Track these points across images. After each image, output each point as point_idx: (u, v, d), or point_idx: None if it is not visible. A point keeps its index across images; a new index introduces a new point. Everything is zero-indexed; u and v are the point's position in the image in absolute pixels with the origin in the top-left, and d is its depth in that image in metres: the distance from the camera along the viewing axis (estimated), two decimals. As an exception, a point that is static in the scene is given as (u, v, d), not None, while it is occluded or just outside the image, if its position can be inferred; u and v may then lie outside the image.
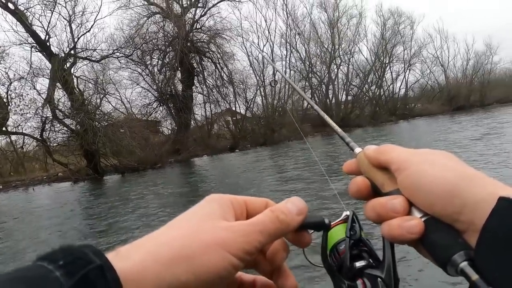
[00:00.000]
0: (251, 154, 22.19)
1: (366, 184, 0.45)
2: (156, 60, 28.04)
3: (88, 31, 22.68)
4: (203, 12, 28.31)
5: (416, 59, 40.07)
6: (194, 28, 28.23)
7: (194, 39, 28.23)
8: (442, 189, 0.37)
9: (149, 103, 27.78)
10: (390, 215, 0.40)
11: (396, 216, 0.39)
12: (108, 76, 24.12)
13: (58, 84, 20.45)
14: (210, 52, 28.44)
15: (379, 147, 0.46)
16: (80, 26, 22.40)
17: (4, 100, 20.03)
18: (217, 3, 28.25)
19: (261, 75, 30.62)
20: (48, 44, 21.32)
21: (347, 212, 0.54)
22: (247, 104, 30.01)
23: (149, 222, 7.57)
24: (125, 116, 24.64)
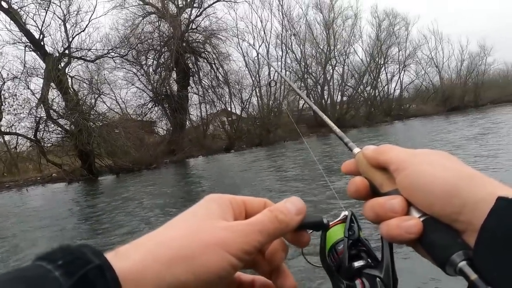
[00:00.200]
0: (246, 154, 22.18)
1: (364, 184, 0.45)
2: (151, 60, 27.99)
3: (83, 30, 22.57)
4: (199, 12, 28.29)
5: (411, 60, 40.33)
6: (190, 28, 28.17)
7: (189, 39, 28.18)
8: (441, 189, 0.37)
9: (144, 103, 27.70)
10: (388, 215, 0.40)
11: (394, 216, 0.39)
12: (103, 76, 24.00)
13: (52, 84, 20.30)
14: (206, 52, 28.42)
15: (377, 147, 0.46)
16: (74, 25, 22.30)
17: (-2, 100, 19.88)
18: (212, 3, 28.25)
19: (256, 75, 30.66)
20: (42, 43, 21.15)
21: (346, 212, 0.54)
22: (242, 105, 30.05)
23: (144, 223, 7.53)
24: (120, 117, 24.52)
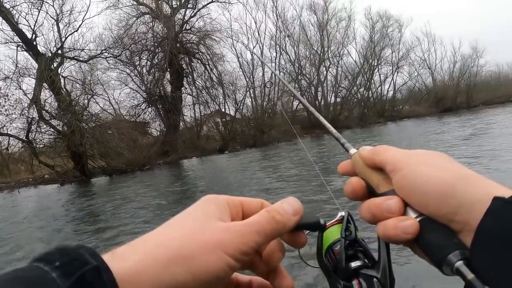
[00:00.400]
0: (240, 155, 22.15)
1: (361, 184, 0.45)
2: (145, 60, 27.86)
3: (76, 30, 22.39)
4: (193, 13, 28.24)
5: (404, 61, 40.68)
6: (184, 29, 28.10)
7: (183, 40, 28.10)
8: (437, 189, 0.37)
9: (137, 104, 27.55)
10: (385, 215, 0.40)
11: (391, 216, 0.39)
12: (96, 76, 23.81)
13: (44, 84, 20.07)
14: (200, 53, 28.36)
15: (374, 148, 0.46)
16: (67, 25, 22.10)
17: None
18: (207, 4, 28.22)
19: (250, 76, 30.68)
20: (34, 43, 20.91)
21: (342, 213, 0.54)
22: (236, 106, 30.05)
23: (137, 224, 7.47)
24: (113, 117, 24.35)
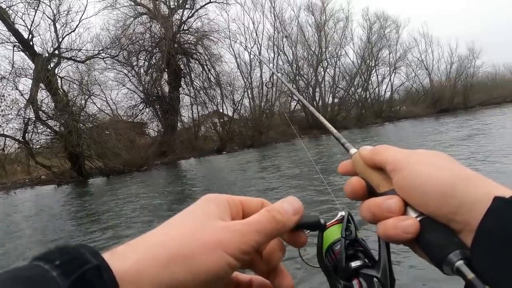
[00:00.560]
0: (238, 156, 22.13)
1: (361, 184, 0.45)
2: (143, 61, 27.83)
3: (73, 30, 22.35)
4: (191, 14, 28.22)
5: (401, 62, 40.76)
6: (181, 29, 28.07)
7: (181, 40, 28.07)
8: (437, 189, 0.37)
9: (135, 104, 27.51)
10: (385, 215, 0.40)
11: (391, 216, 0.39)
12: (93, 77, 23.80)
13: (41, 84, 20.02)
14: (198, 53, 28.33)
15: (374, 148, 0.46)
16: (64, 25, 22.05)
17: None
18: (204, 4, 28.22)
19: (248, 77, 30.67)
20: (31, 43, 20.85)
21: (343, 213, 0.54)
22: (234, 106, 30.01)
23: (135, 225, 7.45)
24: (110, 118, 24.30)
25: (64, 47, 22.22)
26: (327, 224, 0.51)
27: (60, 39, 21.87)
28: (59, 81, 21.37)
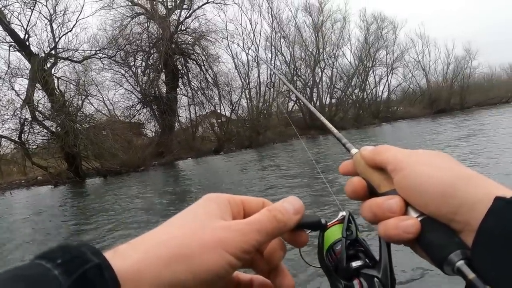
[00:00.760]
0: (236, 156, 22.11)
1: (362, 184, 0.45)
2: (140, 61, 27.77)
3: (70, 31, 22.26)
4: (188, 14, 28.19)
5: (398, 63, 40.95)
6: (179, 29, 28.03)
7: (178, 40, 28.03)
8: (438, 189, 0.37)
9: (132, 105, 27.44)
10: (386, 215, 0.40)
11: (392, 216, 0.39)
12: (90, 77, 23.67)
13: (38, 85, 19.91)
14: (195, 54, 28.31)
15: (375, 148, 0.46)
16: (61, 25, 21.96)
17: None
18: (202, 5, 28.18)
19: (246, 77, 30.67)
20: (27, 43, 20.76)
21: (343, 213, 0.54)
22: (232, 107, 29.98)
23: (132, 226, 7.42)
24: (107, 118, 24.24)
25: (61, 47, 22.19)
26: (328, 224, 0.51)
27: (57, 39, 21.81)
28: (55, 81, 21.32)
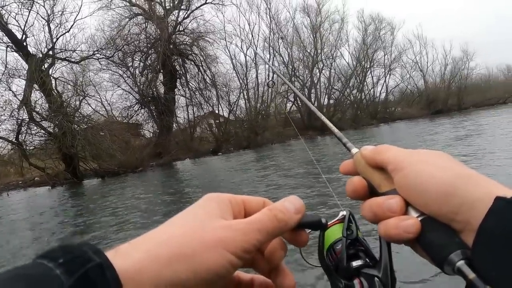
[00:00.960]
0: (234, 157, 22.09)
1: (362, 184, 0.45)
2: (138, 62, 27.73)
3: (68, 31, 22.23)
4: (186, 15, 28.17)
5: (396, 64, 41.11)
6: (177, 30, 28.01)
7: (176, 41, 28.01)
8: (438, 189, 0.37)
9: (130, 105, 27.40)
10: (386, 214, 0.40)
11: (392, 215, 0.39)
12: (88, 77, 23.63)
13: (35, 85, 19.85)
14: (193, 54, 28.29)
15: (375, 147, 0.46)
16: (59, 26, 21.91)
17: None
18: (200, 5, 28.18)
19: (244, 78, 30.66)
20: (25, 44, 20.68)
21: (344, 212, 0.54)
22: (230, 107, 29.99)
23: (130, 227, 7.40)
24: (105, 119, 24.18)
25: (59, 48, 22.14)
26: (329, 223, 0.51)
27: (54, 40, 21.77)
28: (53, 82, 21.23)
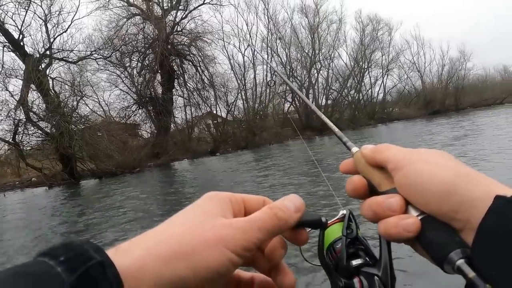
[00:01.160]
0: (232, 157, 22.08)
1: (363, 183, 0.45)
2: (136, 62, 27.63)
3: (65, 31, 22.08)
4: (184, 15, 28.12)
5: (393, 64, 41.17)
6: (175, 30, 27.96)
7: (174, 41, 27.95)
8: (438, 187, 0.37)
9: (128, 106, 27.26)
10: (386, 213, 0.40)
11: (392, 214, 0.39)
12: (86, 78, 23.53)
13: (32, 85, 19.75)
14: (191, 55, 28.23)
15: (376, 146, 0.46)
16: (56, 26, 21.80)
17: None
18: (198, 6, 28.12)
19: (242, 78, 30.65)
20: (22, 43, 20.60)
21: (344, 211, 0.54)
22: (228, 108, 29.93)
23: (127, 227, 7.38)
24: (103, 119, 24.08)
25: (56, 48, 22.01)
26: (328, 222, 0.51)
27: (52, 40, 21.66)
28: (50, 82, 21.14)
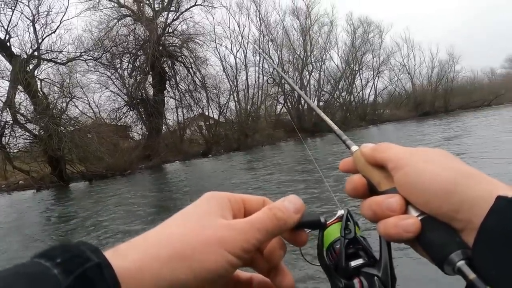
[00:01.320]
0: (224, 159, 21.97)
1: (362, 182, 0.45)
2: (127, 63, 27.36)
3: (54, 32, 21.75)
4: (176, 16, 27.97)
5: (384, 66, 41.66)
6: (166, 32, 27.79)
7: (166, 43, 27.79)
8: (439, 187, 0.36)
9: (118, 107, 26.95)
10: (386, 213, 0.39)
11: (392, 214, 0.39)
12: (75, 79, 23.15)
13: (19, 87, 19.38)
14: (183, 56, 28.10)
15: (376, 145, 0.45)
16: (44, 26, 21.43)
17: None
18: (190, 7, 28.01)
19: (234, 80, 30.59)
20: (8, 44, 20.21)
21: (342, 211, 0.53)
22: (220, 109, 29.83)
23: (117, 231, 7.21)
24: (93, 121, 23.71)
25: (44, 49, 21.64)
26: (328, 222, 0.50)
27: (40, 40, 21.28)
28: (38, 83, 20.75)
